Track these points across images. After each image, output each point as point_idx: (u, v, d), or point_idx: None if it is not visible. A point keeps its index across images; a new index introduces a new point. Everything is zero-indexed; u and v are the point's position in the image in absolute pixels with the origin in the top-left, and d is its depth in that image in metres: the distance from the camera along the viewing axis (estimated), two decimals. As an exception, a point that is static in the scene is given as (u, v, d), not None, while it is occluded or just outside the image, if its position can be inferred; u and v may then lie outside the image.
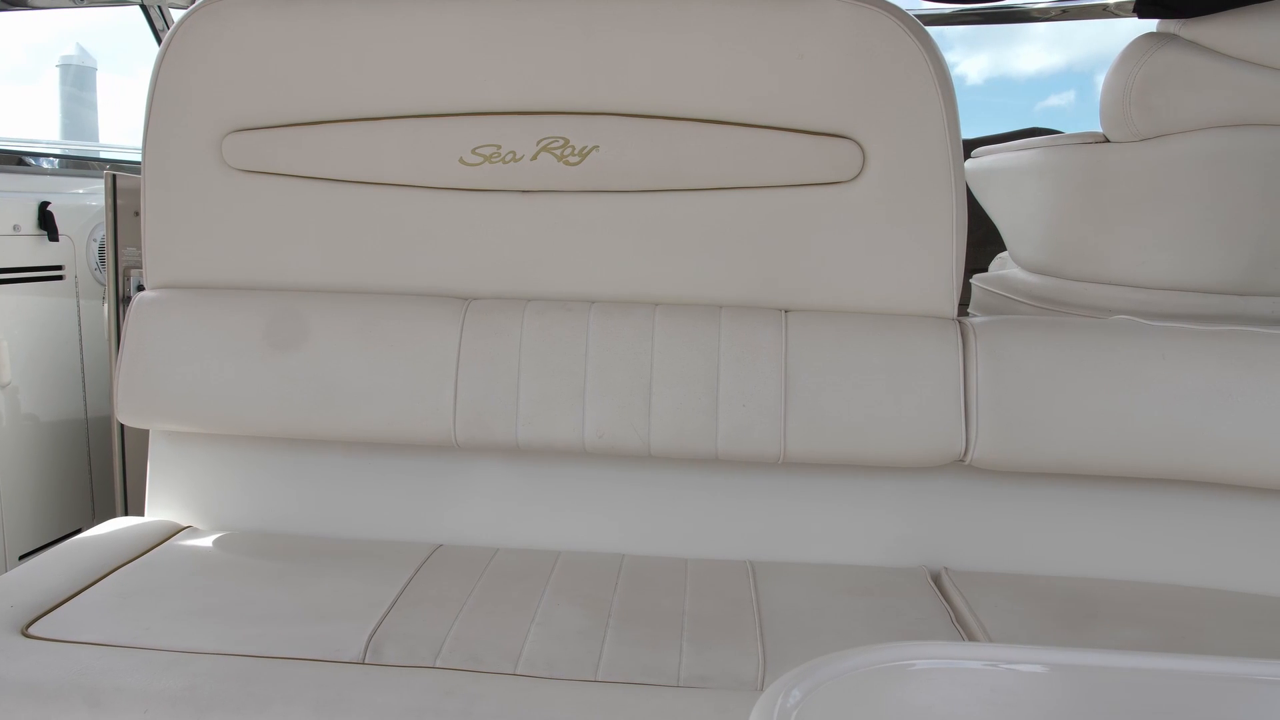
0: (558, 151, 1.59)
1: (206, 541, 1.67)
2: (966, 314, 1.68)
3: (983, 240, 2.39)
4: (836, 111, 1.53)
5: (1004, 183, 2.15)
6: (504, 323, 1.62)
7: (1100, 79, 1.85)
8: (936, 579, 1.61)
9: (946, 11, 3.60)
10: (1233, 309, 1.81)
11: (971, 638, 1.39)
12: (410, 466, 1.72)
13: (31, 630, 1.33)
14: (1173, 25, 1.78)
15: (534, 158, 1.59)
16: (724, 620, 1.41)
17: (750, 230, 1.58)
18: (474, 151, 1.60)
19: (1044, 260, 2.00)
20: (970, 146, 2.32)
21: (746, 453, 1.56)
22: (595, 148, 1.58)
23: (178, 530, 1.72)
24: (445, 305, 1.64)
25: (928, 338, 1.55)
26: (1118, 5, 2.61)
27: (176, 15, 2.61)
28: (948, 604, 1.49)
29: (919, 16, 3.49)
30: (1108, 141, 1.83)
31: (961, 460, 1.55)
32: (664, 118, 1.57)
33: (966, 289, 2.35)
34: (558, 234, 1.63)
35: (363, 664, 1.28)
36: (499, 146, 1.60)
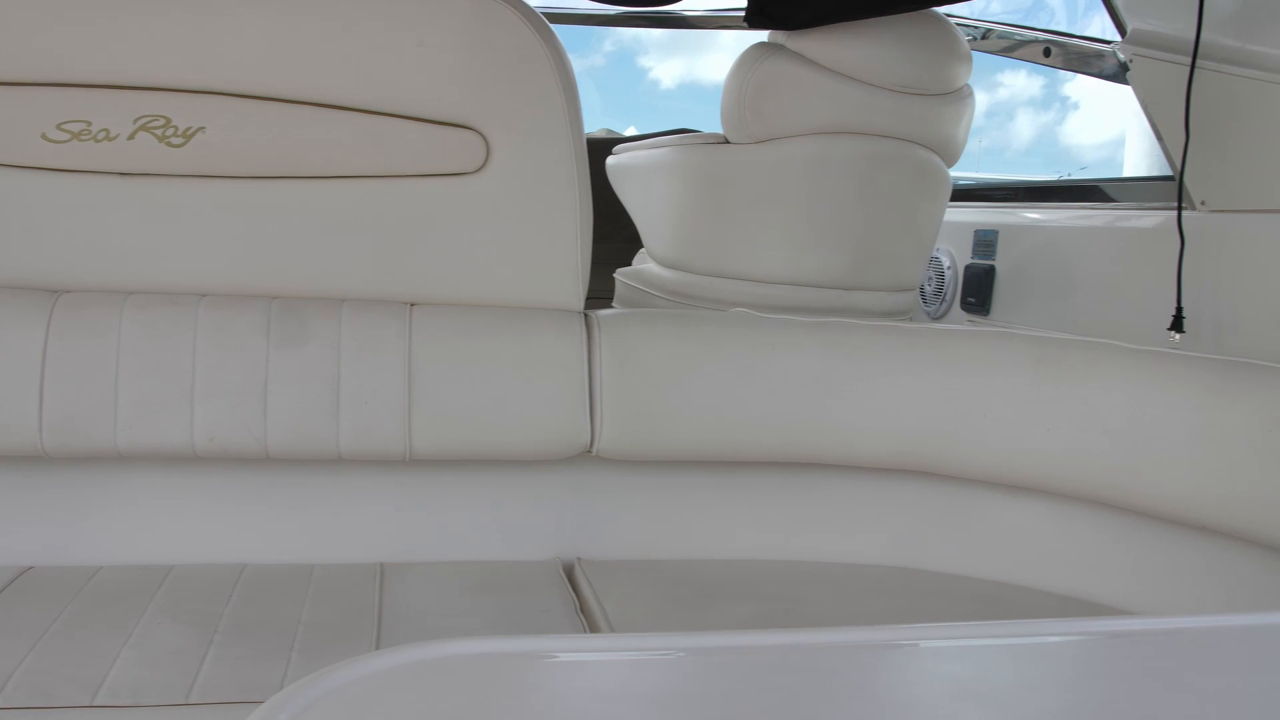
0: (158, 131, 1.46)
1: None
2: (610, 308, 1.71)
3: (634, 236, 2.46)
4: (458, 101, 1.51)
5: (638, 179, 2.22)
6: (100, 318, 1.47)
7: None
8: (570, 570, 1.63)
9: (612, 13, 3.68)
10: (841, 303, 1.97)
11: (594, 627, 1.42)
12: None
13: None
14: (780, 36, 1.91)
15: (131, 137, 1.45)
16: (341, 627, 1.35)
17: (373, 221, 1.53)
18: (59, 127, 1.44)
19: (674, 255, 2.08)
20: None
21: (371, 451, 1.51)
22: (201, 129, 1.46)
23: None
24: (28, 299, 1.47)
25: (553, 331, 1.56)
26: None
27: None
28: (576, 595, 1.51)
29: (584, 16, 3.55)
30: (728, 143, 1.93)
31: (588, 451, 1.58)
32: (278, 100, 1.48)
33: (611, 283, 2.42)
34: (162, 221, 1.50)
35: None
36: (89, 123, 1.44)
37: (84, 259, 1.50)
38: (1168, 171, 2.02)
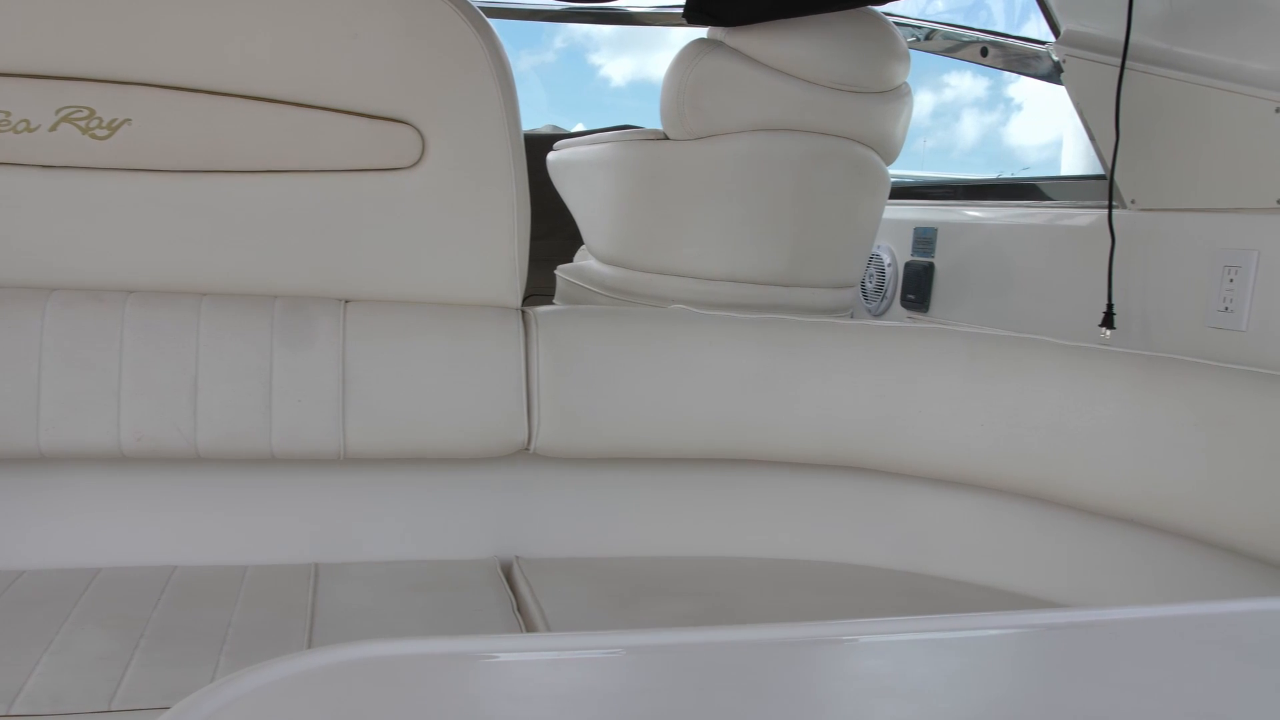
0: (82, 123, 1.42)
1: None
2: (551, 304, 1.70)
3: (577, 233, 2.45)
4: (393, 95, 1.49)
5: (578, 175, 2.21)
6: (21, 315, 1.42)
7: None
8: (507, 569, 1.61)
9: (556, 9, 3.67)
10: (780, 299, 1.97)
11: (531, 626, 1.41)
12: None
13: None
14: (719, 33, 1.91)
15: (53, 128, 1.41)
16: (272, 630, 1.33)
17: (305, 216, 1.50)
18: None
19: (614, 252, 2.08)
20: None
21: (304, 450, 1.48)
22: (127, 121, 1.43)
23: None
24: None
25: (490, 328, 1.55)
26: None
27: None
28: (513, 593, 1.50)
29: (525, 11, 3.53)
30: (667, 139, 1.93)
31: (526, 449, 1.57)
32: (206, 92, 1.45)
33: (553, 279, 2.40)
34: (87, 216, 1.46)
35: None
36: (8, 113, 1.40)
37: (3, 254, 1.45)
38: (1102, 171, 2.06)
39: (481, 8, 1.55)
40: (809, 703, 0.62)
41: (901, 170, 3.22)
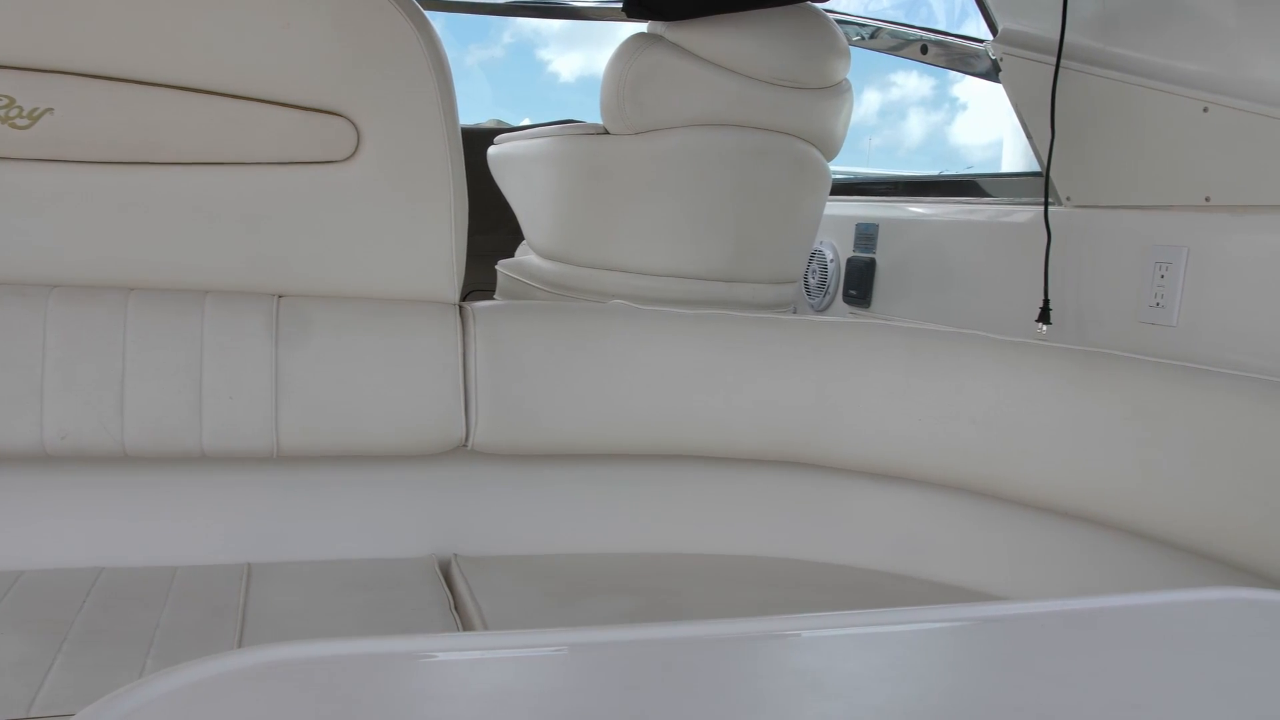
0: (1, 112, 1.37)
1: None
2: (492, 299, 1.68)
3: (519, 227, 2.43)
4: (327, 86, 1.46)
5: (518, 170, 2.19)
6: None
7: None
8: (445, 567, 1.59)
9: (498, 3, 3.64)
10: (721, 295, 1.97)
11: (468, 625, 1.39)
12: None
13: None
14: (659, 27, 1.90)
15: None
16: (201, 631, 1.30)
17: (237, 210, 1.47)
18: None
19: (554, 247, 2.07)
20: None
21: (236, 448, 1.45)
22: (49, 110, 1.38)
23: None
24: None
25: (427, 323, 1.53)
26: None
27: None
28: (450, 591, 1.48)
29: (467, 4, 3.49)
30: (608, 134, 1.92)
31: (464, 445, 1.55)
32: (133, 81, 1.41)
33: (494, 274, 2.38)
34: (7, 208, 1.41)
35: None
36: None
37: None
38: (1039, 168, 2.08)
39: (423, 1, 1.53)
40: (747, 698, 0.61)
41: (848, 167, 3.24)
